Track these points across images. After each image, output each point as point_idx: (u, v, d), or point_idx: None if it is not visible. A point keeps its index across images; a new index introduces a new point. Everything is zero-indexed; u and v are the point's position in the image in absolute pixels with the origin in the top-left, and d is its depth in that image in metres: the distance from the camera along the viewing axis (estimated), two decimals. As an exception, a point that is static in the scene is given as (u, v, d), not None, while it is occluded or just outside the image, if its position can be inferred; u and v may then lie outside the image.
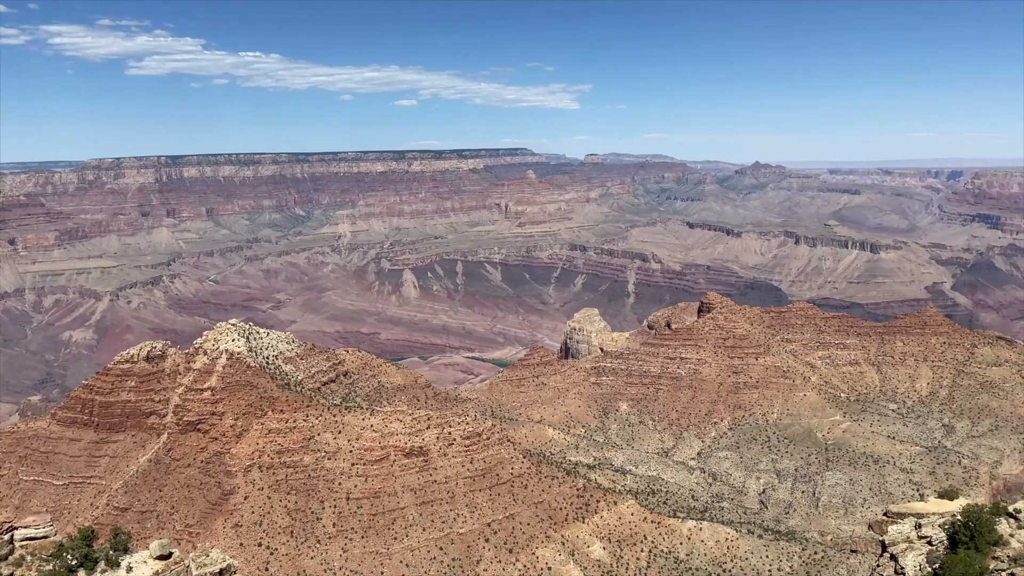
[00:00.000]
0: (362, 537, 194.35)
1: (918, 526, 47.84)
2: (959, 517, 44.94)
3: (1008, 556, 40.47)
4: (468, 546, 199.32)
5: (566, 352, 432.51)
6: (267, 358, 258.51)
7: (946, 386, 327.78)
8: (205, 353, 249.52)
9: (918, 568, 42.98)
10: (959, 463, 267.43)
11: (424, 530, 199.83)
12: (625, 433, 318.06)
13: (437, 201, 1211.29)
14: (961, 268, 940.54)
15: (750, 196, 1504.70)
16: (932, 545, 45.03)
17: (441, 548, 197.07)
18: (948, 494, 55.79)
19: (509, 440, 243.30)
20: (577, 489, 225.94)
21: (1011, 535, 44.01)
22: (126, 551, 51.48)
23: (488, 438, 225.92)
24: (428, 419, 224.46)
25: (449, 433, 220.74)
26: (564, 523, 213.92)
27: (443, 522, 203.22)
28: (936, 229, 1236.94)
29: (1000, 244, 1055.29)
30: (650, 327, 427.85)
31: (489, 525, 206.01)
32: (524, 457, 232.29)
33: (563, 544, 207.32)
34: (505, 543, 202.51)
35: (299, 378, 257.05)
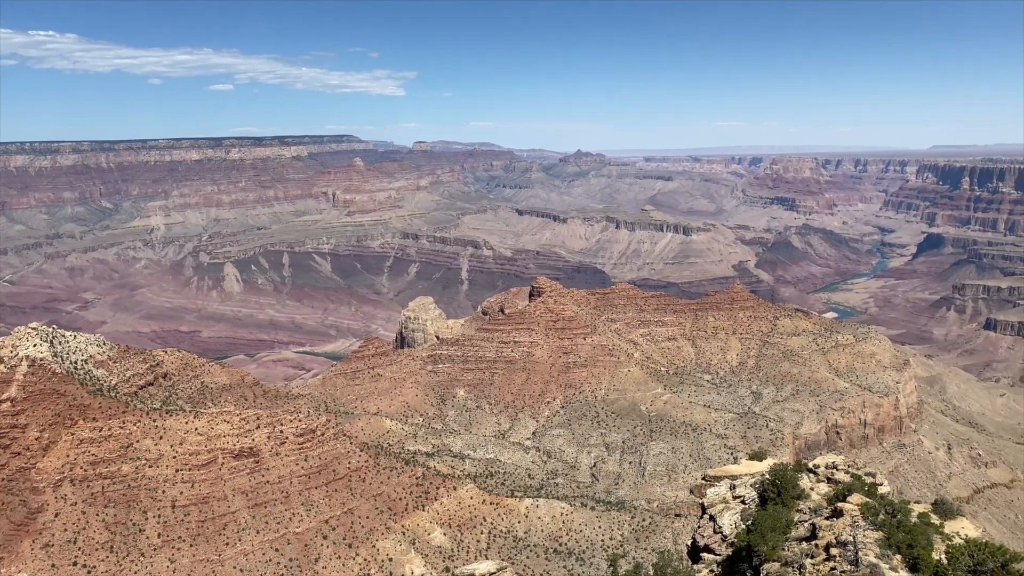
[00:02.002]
0: (191, 545, 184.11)
1: (732, 487, 51.64)
2: (767, 476, 48.83)
3: (809, 508, 44.59)
4: (306, 545, 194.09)
5: (402, 342, 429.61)
6: (75, 363, 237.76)
7: (753, 356, 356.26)
8: (2, 361, 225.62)
9: (733, 526, 46.43)
10: (767, 426, 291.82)
11: (258, 532, 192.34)
12: (463, 419, 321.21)
13: (259, 190, 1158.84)
14: (763, 247, 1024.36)
15: (574, 183, 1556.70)
16: (745, 504, 48.72)
17: (277, 549, 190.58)
18: (757, 456, 60.65)
19: (345, 434, 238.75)
20: (416, 478, 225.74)
21: (811, 488, 48.48)
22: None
23: (323, 434, 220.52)
24: (258, 418, 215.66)
25: (281, 431, 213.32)
26: (404, 513, 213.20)
27: (278, 523, 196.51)
28: (740, 212, 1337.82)
29: (796, 224, 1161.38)
30: (484, 313, 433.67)
31: (327, 522, 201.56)
32: (361, 450, 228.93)
33: (404, 534, 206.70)
34: (344, 538, 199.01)
35: (113, 383, 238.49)
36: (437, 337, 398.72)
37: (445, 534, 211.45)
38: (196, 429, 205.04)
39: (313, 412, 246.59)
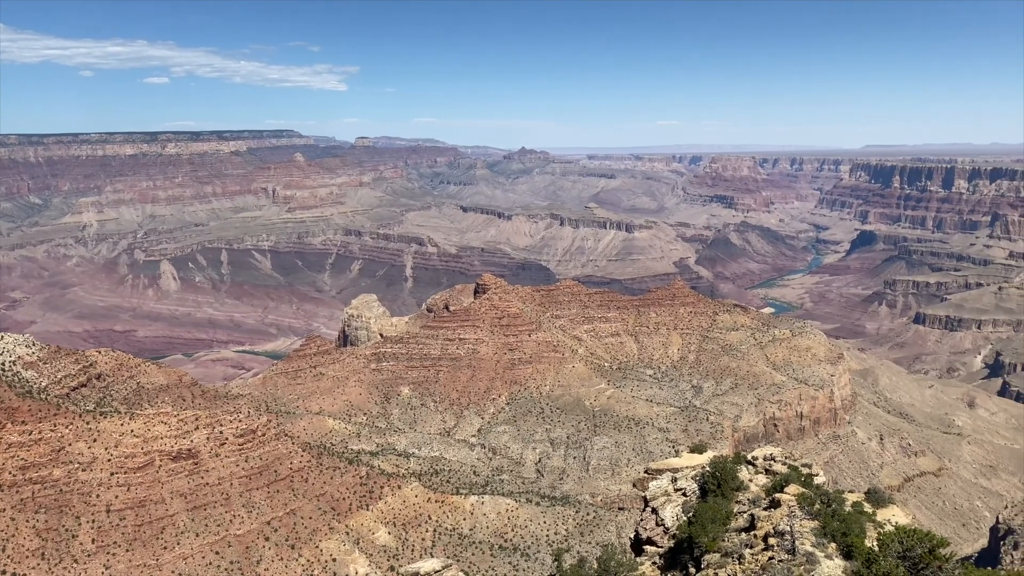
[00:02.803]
0: (127, 551, 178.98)
1: (674, 480, 52.42)
2: (708, 469, 49.72)
3: (748, 499, 45.55)
4: (247, 547, 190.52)
5: (344, 340, 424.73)
6: (2, 364, 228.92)
7: (694, 351, 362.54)
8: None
9: (675, 518, 47.16)
10: (707, 420, 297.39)
11: (197, 536, 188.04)
12: (407, 417, 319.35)
13: (196, 186, 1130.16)
14: (703, 244, 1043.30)
15: (518, 180, 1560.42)
16: (686, 496, 49.52)
17: (217, 552, 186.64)
18: (698, 448, 61.67)
19: (287, 434, 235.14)
20: (360, 477, 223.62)
21: (750, 480, 49.54)
22: None
23: (264, 434, 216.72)
24: (196, 419, 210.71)
25: (221, 432, 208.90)
26: (348, 513, 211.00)
27: (218, 525, 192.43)
28: (681, 209, 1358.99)
29: (734, 222, 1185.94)
30: (429, 310, 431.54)
31: (269, 523, 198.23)
32: (304, 450, 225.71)
33: (348, 534, 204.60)
34: (287, 540, 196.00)
35: (43, 384, 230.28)
36: (381, 335, 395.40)
37: (390, 533, 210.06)
38: (132, 431, 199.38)
39: (254, 412, 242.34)
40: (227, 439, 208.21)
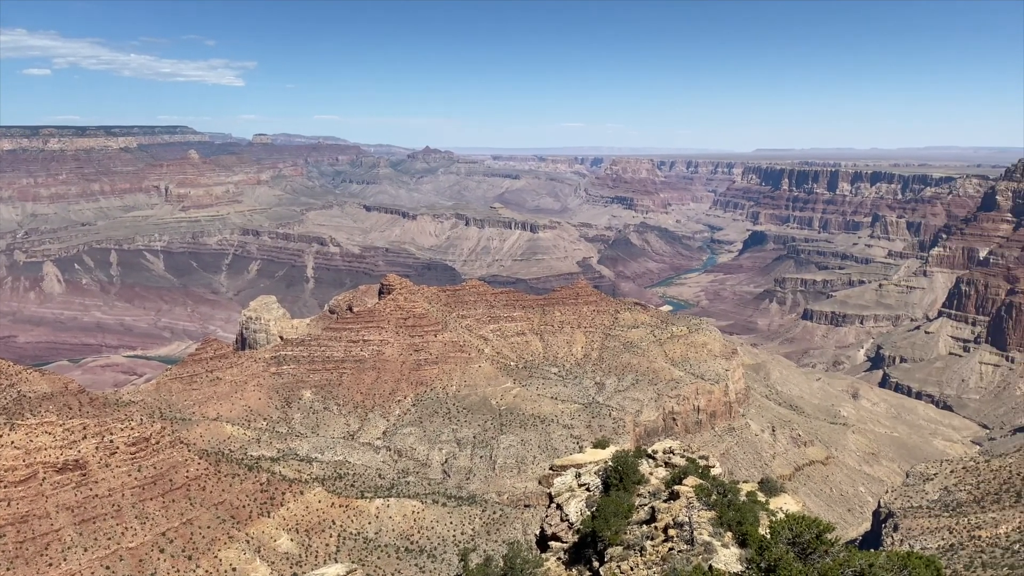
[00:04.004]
0: (8, 569, 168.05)
1: (578, 475, 53.20)
2: (610, 463, 50.66)
3: (649, 492, 46.70)
4: (140, 560, 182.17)
5: (243, 343, 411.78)
6: None
7: (596, 348, 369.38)
8: None
9: (579, 513, 47.87)
10: (610, 415, 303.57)
11: (86, 551, 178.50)
12: (309, 421, 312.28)
13: (83, 183, 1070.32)
14: (604, 244, 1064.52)
15: (423, 180, 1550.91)
16: (590, 491, 50.32)
17: (108, 567, 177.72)
18: (601, 444, 62.76)
19: (182, 442, 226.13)
20: (260, 484, 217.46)
21: (651, 473, 50.75)
22: None
23: (157, 442, 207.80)
24: (84, 428, 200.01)
25: (111, 441, 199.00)
26: (248, 520, 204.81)
27: (109, 539, 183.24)
28: (584, 210, 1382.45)
29: (634, 222, 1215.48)
30: (332, 311, 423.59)
31: (164, 534, 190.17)
32: (200, 458, 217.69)
33: (248, 542, 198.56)
34: (183, 550, 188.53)
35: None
36: (281, 337, 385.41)
37: (292, 540, 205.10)
38: (12, 442, 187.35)
39: (146, 419, 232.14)
40: (118, 448, 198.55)
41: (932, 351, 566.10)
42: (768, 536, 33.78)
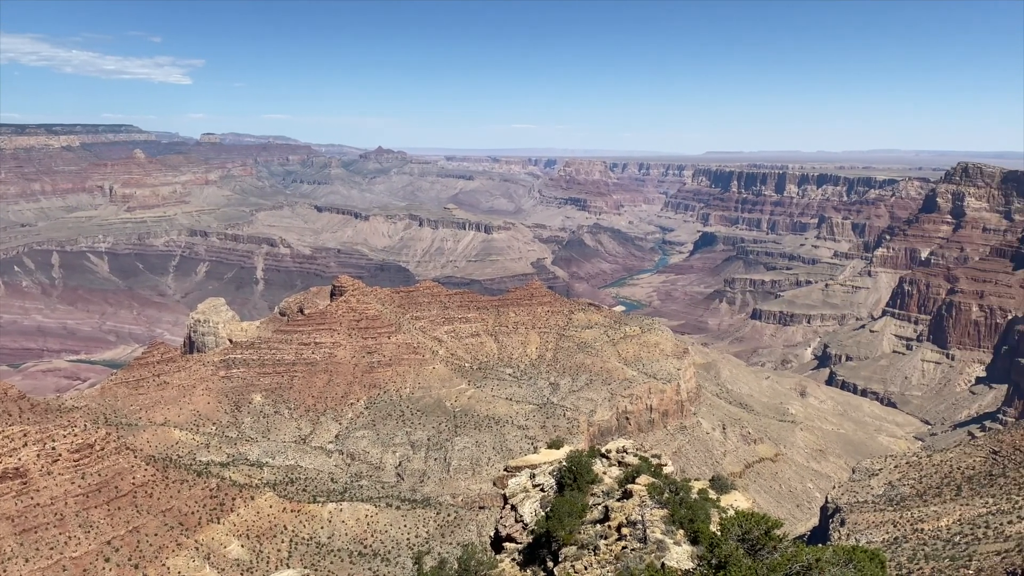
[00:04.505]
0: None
1: (532, 476, 53.29)
2: (564, 463, 50.89)
3: (602, 491, 46.97)
4: (84, 570, 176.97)
5: (191, 346, 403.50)
6: None
7: (551, 349, 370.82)
8: None
9: (534, 513, 47.92)
10: (564, 415, 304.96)
11: (27, 561, 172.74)
12: (260, 425, 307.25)
13: (22, 183, 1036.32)
14: (558, 245, 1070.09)
15: (375, 180, 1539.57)
16: (544, 491, 50.43)
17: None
18: (555, 444, 63.01)
19: (128, 448, 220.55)
20: (210, 490, 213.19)
21: (604, 472, 51.07)
22: None
23: (102, 449, 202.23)
24: (24, 435, 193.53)
25: (53, 448, 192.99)
26: (197, 527, 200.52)
27: (51, 548, 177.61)
28: (537, 211, 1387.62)
29: (587, 224, 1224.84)
30: (282, 314, 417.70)
31: (109, 543, 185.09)
32: (147, 464, 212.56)
33: (197, 549, 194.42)
34: (129, 559, 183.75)
35: None
36: (230, 340, 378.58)
37: (243, 546, 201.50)
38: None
39: (91, 425, 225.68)
40: (60, 455, 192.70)
41: (877, 349, 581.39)
42: (719, 533, 34.23)
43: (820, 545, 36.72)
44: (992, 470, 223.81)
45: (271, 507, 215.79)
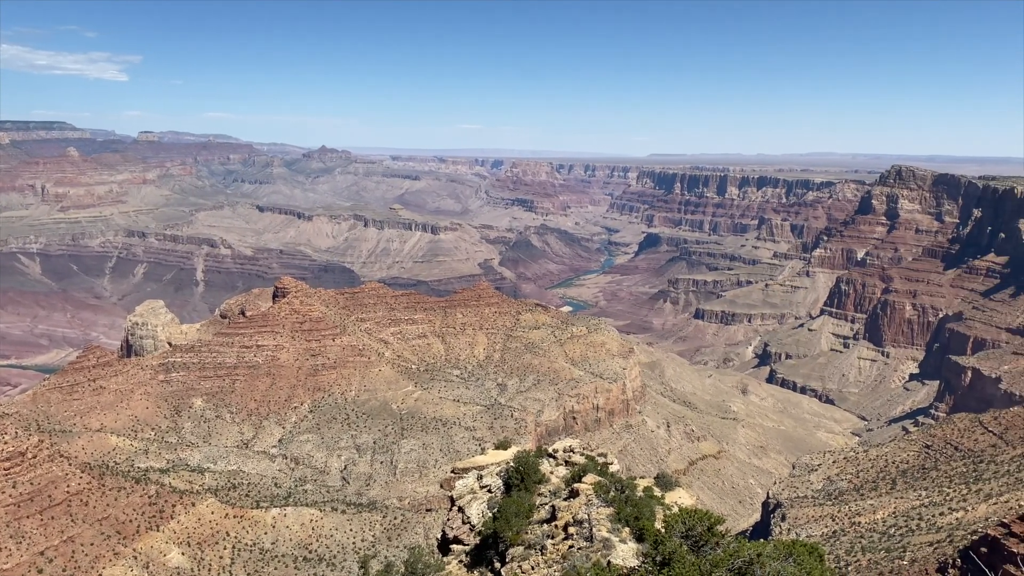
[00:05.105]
0: None
1: (480, 477, 53.19)
2: (512, 464, 50.94)
3: (549, 491, 47.12)
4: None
5: (128, 350, 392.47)
6: None
7: (499, 350, 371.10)
8: None
9: (481, 515, 47.83)
10: (511, 416, 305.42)
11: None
12: (201, 430, 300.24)
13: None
14: (506, 246, 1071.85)
15: (319, 180, 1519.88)
16: (492, 492, 50.37)
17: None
18: (503, 445, 63.01)
19: (62, 455, 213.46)
20: (149, 497, 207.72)
21: (552, 472, 51.25)
22: None
23: (34, 456, 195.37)
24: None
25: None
26: (136, 535, 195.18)
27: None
28: (484, 212, 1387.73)
29: (534, 224, 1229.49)
30: (223, 316, 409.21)
31: (43, 554, 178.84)
32: (83, 472, 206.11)
33: (136, 558, 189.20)
34: (64, 570, 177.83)
35: None
36: (169, 343, 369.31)
37: (184, 553, 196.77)
38: None
39: (22, 433, 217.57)
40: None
41: (815, 347, 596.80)
42: (663, 530, 34.67)
43: (762, 540, 37.49)
44: (925, 464, 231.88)
45: (213, 513, 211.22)
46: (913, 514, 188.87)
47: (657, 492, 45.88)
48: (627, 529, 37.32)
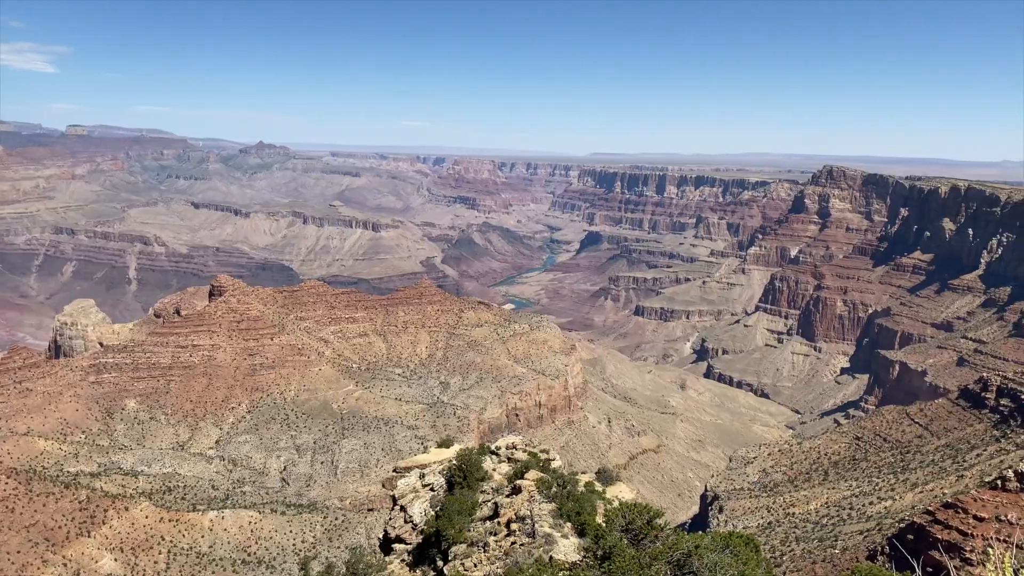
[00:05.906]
0: None
1: (422, 476, 53.10)
2: (454, 462, 51.03)
3: (492, 488, 47.36)
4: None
5: (57, 351, 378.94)
6: None
7: (441, 348, 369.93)
8: None
9: (423, 513, 47.80)
10: (454, 414, 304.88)
11: None
12: (134, 432, 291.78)
13: None
14: (448, 244, 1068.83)
15: (256, 176, 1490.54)
16: (434, 491, 50.36)
17: None
18: (445, 443, 62.97)
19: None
20: (79, 502, 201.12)
21: (494, 469, 51.50)
22: None
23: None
24: None
25: None
26: (65, 542, 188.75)
27: None
28: (427, 209, 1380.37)
29: (477, 222, 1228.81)
30: (157, 315, 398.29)
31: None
32: (8, 477, 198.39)
33: (65, 565, 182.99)
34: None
35: None
36: (101, 344, 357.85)
37: (116, 559, 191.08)
38: None
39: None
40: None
41: (751, 343, 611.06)
42: (604, 525, 35.23)
43: (700, 532, 38.42)
44: (855, 455, 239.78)
45: (147, 517, 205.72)
46: (844, 504, 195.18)
47: (598, 487, 46.54)
48: (569, 524, 37.80)
